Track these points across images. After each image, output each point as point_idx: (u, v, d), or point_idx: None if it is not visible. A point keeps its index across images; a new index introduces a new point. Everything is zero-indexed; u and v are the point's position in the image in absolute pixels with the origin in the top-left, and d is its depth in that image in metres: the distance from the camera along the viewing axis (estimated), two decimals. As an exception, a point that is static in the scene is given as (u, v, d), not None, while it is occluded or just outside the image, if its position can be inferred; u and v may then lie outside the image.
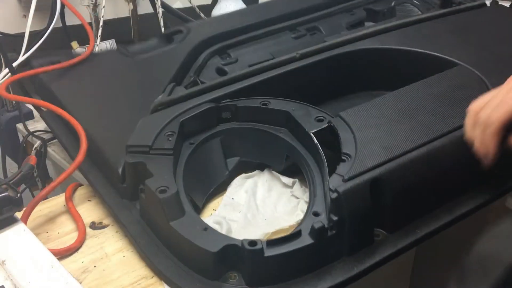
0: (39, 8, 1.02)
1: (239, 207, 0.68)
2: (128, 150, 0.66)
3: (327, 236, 0.56)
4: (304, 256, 0.55)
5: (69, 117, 0.75)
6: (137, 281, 0.59)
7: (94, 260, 0.62)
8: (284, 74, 0.81)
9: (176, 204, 0.58)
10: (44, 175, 1.00)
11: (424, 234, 0.62)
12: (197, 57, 0.90)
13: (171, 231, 0.57)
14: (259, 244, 0.53)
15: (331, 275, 0.56)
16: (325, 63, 0.85)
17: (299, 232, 0.56)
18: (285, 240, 0.55)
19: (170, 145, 0.66)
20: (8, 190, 0.60)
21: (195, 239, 0.55)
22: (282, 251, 0.54)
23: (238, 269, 0.56)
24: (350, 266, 0.57)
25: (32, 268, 0.54)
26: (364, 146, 0.62)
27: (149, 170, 0.63)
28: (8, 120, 1.04)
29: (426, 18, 0.96)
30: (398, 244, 0.60)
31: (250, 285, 0.55)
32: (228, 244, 0.54)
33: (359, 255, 0.58)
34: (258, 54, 0.92)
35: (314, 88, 0.84)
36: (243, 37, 0.96)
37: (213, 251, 0.54)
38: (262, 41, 0.96)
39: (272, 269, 0.55)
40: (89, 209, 0.72)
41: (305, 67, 0.83)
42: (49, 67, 0.87)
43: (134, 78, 0.88)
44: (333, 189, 0.56)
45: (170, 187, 0.59)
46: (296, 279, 0.56)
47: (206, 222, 0.64)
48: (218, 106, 0.73)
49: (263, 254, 0.53)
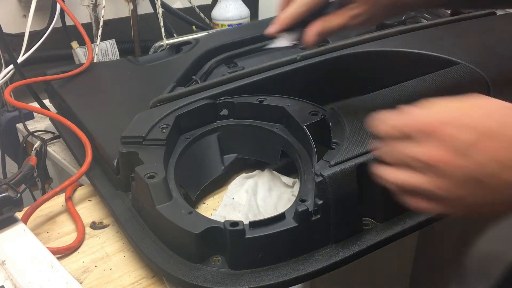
0: (39, 8, 1.02)
1: (240, 207, 0.68)
2: (122, 140, 0.67)
3: (311, 220, 0.55)
4: (288, 240, 0.55)
5: (74, 127, 0.78)
6: (137, 281, 0.59)
7: (94, 260, 0.63)
8: (284, 74, 0.82)
9: (164, 190, 0.59)
10: (44, 175, 1.00)
11: (414, 224, 0.61)
12: (203, 65, 0.92)
13: (157, 215, 0.58)
14: (241, 225, 0.53)
15: (315, 260, 0.56)
16: (326, 64, 0.85)
17: (282, 215, 0.56)
18: (268, 222, 0.55)
19: (163, 136, 0.67)
20: (8, 190, 0.60)
21: (178, 222, 0.55)
22: (264, 233, 0.54)
23: (222, 253, 0.56)
24: (335, 252, 0.57)
25: (32, 268, 0.54)
26: (353, 135, 0.62)
27: (140, 159, 0.64)
28: (8, 120, 1.04)
29: (432, 25, 0.96)
30: (386, 232, 0.60)
31: (232, 268, 0.55)
32: (211, 226, 0.54)
33: (346, 242, 0.58)
34: (264, 63, 0.92)
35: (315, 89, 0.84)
36: (250, 47, 0.97)
37: (196, 233, 0.54)
38: (269, 52, 0.96)
39: (254, 252, 0.54)
40: (90, 209, 0.72)
41: (305, 68, 0.83)
42: (49, 77, 0.91)
43: (139, 83, 0.92)
44: (318, 173, 0.57)
45: (158, 173, 0.60)
46: (280, 263, 0.55)
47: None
48: (215, 103, 0.74)
49: (244, 235, 0.53)
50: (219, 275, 0.54)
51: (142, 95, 0.84)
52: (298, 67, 0.83)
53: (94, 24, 1.14)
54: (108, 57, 1.16)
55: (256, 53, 0.97)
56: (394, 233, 0.60)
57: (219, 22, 1.38)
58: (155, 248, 0.58)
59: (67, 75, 0.91)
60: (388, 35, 0.91)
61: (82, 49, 1.12)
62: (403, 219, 0.61)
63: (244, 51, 0.97)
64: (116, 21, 1.25)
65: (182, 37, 1.19)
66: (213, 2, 1.46)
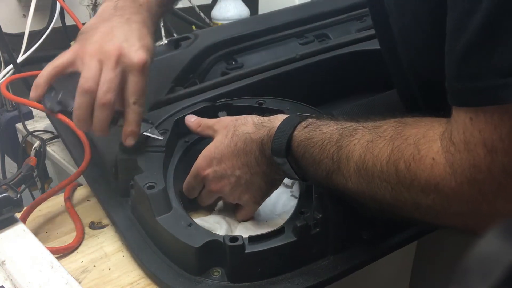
0: (39, 8, 1.02)
1: (239, 207, 0.68)
2: (120, 147, 0.67)
3: (310, 234, 0.56)
4: (287, 254, 0.55)
5: (72, 125, 0.75)
6: (136, 281, 0.59)
7: (93, 260, 0.62)
8: (283, 74, 0.81)
9: (163, 200, 0.59)
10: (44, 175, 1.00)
11: (413, 234, 0.62)
12: (203, 62, 0.90)
13: (157, 226, 0.58)
14: (240, 240, 0.53)
15: (314, 273, 0.56)
16: (326, 63, 0.85)
17: (282, 229, 0.56)
18: (267, 237, 0.55)
19: (162, 142, 0.66)
20: (8, 191, 0.60)
21: (178, 234, 0.56)
22: (264, 248, 0.54)
23: (221, 265, 0.56)
24: (334, 264, 0.57)
25: (32, 268, 0.54)
26: None
27: (140, 167, 0.63)
28: (8, 120, 1.04)
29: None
30: (385, 244, 0.60)
31: (232, 281, 0.55)
32: (210, 239, 0.55)
33: (345, 254, 0.58)
34: (264, 60, 0.91)
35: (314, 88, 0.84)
36: (250, 43, 0.96)
37: (196, 246, 0.54)
38: (269, 47, 0.96)
39: (254, 266, 0.55)
40: (89, 209, 0.72)
41: (305, 67, 0.83)
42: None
43: None
44: (317, 187, 0.57)
45: (158, 183, 0.60)
46: (279, 276, 0.56)
47: (205, 222, 0.64)
48: (214, 105, 0.73)
49: (244, 250, 0.53)
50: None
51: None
52: (298, 66, 0.83)
53: (93, 24, 1.14)
54: (108, 57, 1.16)
55: (256, 48, 0.96)
56: (393, 244, 0.61)
57: (219, 21, 1.38)
58: (155, 259, 0.58)
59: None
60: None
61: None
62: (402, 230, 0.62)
63: (244, 46, 0.95)
64: (116, 21, 1.24)
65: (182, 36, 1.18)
66: (213, 1, 1.46)
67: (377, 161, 0.48)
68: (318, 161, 0.53)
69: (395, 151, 0.47)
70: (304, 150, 0.55)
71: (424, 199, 0.45)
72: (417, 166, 0.45)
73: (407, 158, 0.46)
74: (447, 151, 0.43)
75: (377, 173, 0.48)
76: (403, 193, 0.46)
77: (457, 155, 0.42)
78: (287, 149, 0.56)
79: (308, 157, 0.54)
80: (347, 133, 0.52)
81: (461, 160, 0.42)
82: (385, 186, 0.48)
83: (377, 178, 0.48)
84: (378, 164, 0.48)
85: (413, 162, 0.45)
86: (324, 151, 0.53)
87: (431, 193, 0.44)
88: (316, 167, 0.54)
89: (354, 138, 0.51)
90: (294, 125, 0.57)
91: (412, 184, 0.45)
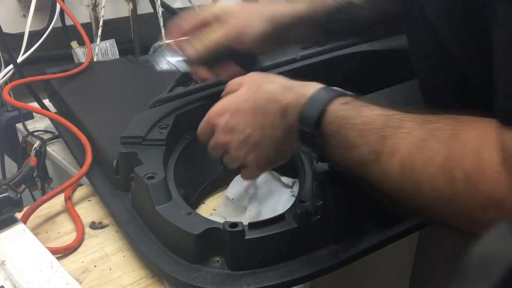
0: (39, 8, 1.02)
1: (239, 207, 0.68)
2: (121, 141, 0.67)
3: (310, 221, 0.55)
4: (287, 241, 0.55)
5: (74, 128, 0.78)
6: (137, 281, 0.59)
7: (94, 260, 0.62)
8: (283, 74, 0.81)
9: (163, 190, 0.59)
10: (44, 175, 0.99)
11: (413, 225, 0.61)
12: None
13: (156, 216, 0.58)
14: (240, 226, 0.53)
15: (315, 261, 0.56)
16: (327, 64, 0.85)
17: (282, 215, 0.56)
18: (267, 223, 0.55)
19: (163, 136, 0.67)
20: (8, 191, 0.60)
21: (178, 222, 0.56)
22: (264, 234, 0.54)
23: (221, 254, 0.56)
24: (335, 252, 0.57)
25: (32, 268, 0.54)
26: None
27: (140, 160, 0.64)
28: (8, 120, 1.04)
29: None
30: (386, 233, 0.60)
31: (232, 269, 0.55)
32: (210, 227, 0.54)
33: (346, 243, 0.58)
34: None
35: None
36: None
37: (195, 234, 0.54)
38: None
39: (254, 253, 0.54)
40: (89, 209, 0.72)
41: (305, 67, 0.83)
42: (48, 76, 0.91)
43: (139, 82, 0.92)
44: (317, 174, 0.56)
45: (158, 174, 0.60)
46: (280, 264, 0.55)
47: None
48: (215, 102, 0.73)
49: (244, 236, 0.53)
50: (218, 276, 0.54)
51: (142, 94, 0.84)
52: (297, 66, 0.83)
53: (93, 24, 1.14)
54: (108, 57, 1.16)
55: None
56: (394, 233, 0.60)
57: (219, 22, 1.38)
58: (155, 249, 0.58)
59: (67, 74, 0.91)
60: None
61: (81, 49, 1.12)
62: (403, 220, 0.62)
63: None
64: (116, 21, 1.24)
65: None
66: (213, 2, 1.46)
67: (429, 164, 0.42)
68: (353, 145, 0.48)
69: (452, 156, 0.41)
70: (338, 128, 0.50)
71: (483, 215, 0.40)
72: (479, 178, 0.39)
73: (467, 167, 0.40)
74: (509, 167, 0.38)
75: (427, 177, 0.43)
76: (456, 205, 0.41)
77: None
78: (318, 120, 0.51)
79: (341, 137, 0.50)
80: (393, 123, 0.47)
81: None
82: (433, 193, 0.43)
83: (425, 183, 0.43)
84: (429, 168, 0.42)
85: (475, 173, 0.40)
86: (363, 137, 0.48)
87: (492, 210, 0.39)
88: (348, 151, 0.49)
89: (401, 131, 0.45)
90: (331, 97, 0.52)
91: (471, 198, 0.40)
